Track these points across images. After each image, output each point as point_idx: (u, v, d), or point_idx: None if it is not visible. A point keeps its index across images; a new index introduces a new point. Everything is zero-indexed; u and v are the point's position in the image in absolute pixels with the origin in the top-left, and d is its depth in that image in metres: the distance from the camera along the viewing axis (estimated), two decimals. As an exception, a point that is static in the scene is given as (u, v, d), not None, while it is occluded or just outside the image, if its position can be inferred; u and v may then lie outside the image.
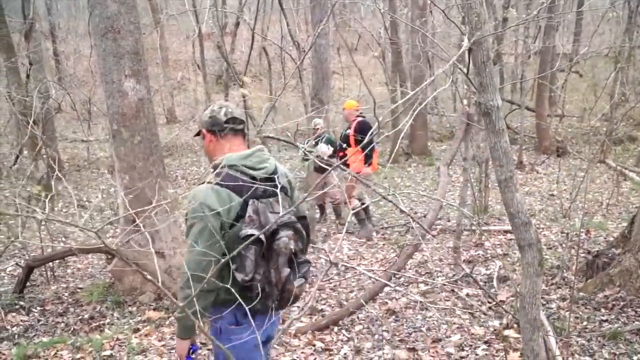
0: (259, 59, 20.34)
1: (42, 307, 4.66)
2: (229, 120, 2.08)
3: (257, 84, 19.97)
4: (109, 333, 4.03)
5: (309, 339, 3.80)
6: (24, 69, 10.04)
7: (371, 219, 6.76)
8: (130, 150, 4.61)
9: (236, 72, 7.91)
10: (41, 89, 7.27)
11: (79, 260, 6.22)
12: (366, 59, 21.82)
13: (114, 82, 4.52)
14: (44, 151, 9.33)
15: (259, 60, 20.42)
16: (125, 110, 4.56)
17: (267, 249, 1.91)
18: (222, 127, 2.08)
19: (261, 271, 1.91)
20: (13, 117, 12.01)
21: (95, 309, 4.51)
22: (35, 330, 4.22)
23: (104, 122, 13.78)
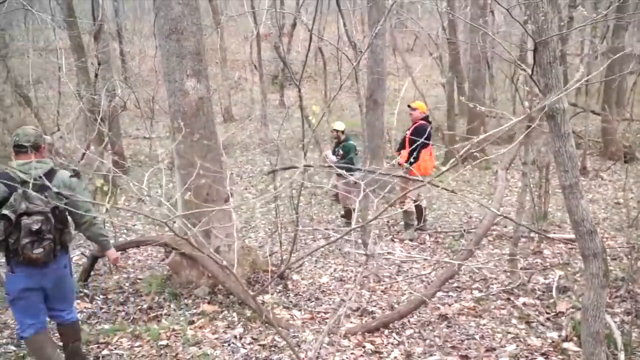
0: (315, 60, 20.46)
1: (105, 295, 4.89)
2: (15, 145, 3.10)
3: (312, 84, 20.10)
4: (165, 323, 4.18)
5: (359, 340, 3.79)
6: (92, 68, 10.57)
7: (425, 221, 6.65)
8: (190, 148, 4.75)
9: (293, 73, 7.99)
10: (109, 88, 7.61)
11: (139, 252, 6.48)
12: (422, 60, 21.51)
13: (176, 82, 4.68)
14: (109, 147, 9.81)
15: (315, 60, 20.55)
16: (185, 109, 4.71)
17: (15, 225, 2.89)
18: (13, 148, 3.11)
19: (14, 238, 2.90)
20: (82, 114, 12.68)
21: (153, 300, 4.69)
22: (97, 318, 4.44)
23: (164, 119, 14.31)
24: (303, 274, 5.34)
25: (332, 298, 4.79)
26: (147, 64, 19.29)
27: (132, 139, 14.46)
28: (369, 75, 8.89)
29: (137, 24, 22.08)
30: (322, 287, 5.04)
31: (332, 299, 4.78)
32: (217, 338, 3.94)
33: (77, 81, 10.33)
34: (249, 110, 17.42)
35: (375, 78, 8.71)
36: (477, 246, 4.28)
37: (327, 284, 5.12)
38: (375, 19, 8.23)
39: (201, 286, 4.76)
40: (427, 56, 19.42)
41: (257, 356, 3.67)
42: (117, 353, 3.70)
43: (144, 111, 13.41)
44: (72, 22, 9.66)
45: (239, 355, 3.67)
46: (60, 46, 11.42)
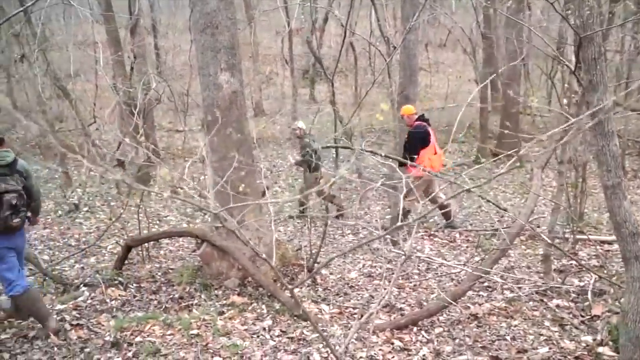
0: (346, 55, 20.37)
1: (138, 284, 5.01)
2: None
3: (342, 79, 20.03)
4: (196, 313, 4.24)
5: (387, 337, 3.77)
6: (128, 62, 10.78)
7: (452, 220, 6.60)
8: (222, 141, 4.81)
9: (324, 68, 7.97)
10: (144, 81, 7.75)
11: (171, 242, 6.61)
12: (455, 55, 21.17)
13: (210, 75, 4.73)
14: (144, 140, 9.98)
15: (346, 55, 20.46)
16: (219, 102, 4.76)
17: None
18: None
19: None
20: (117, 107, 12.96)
21: (184, 290, 4.77)
22: (131, 305, 4.55)
23: (197, 113, 14.51)
24: (332, 269, 5.35)
25: (360, 294, 4.78)
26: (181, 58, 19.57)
27: (165, 131, 14.71)
28: (400, 71, 8.80)
29: (172, 19, 22.39)
30: (350, 283, 5.03)
31: (360, 294, 4.77)
32: (246, 329, 3.98)
33: (113, 74, 10.56)
34: (280, 104, 17.48)
35: (407, 74, 8.60)
36: (510, 247, 4.20)
37: (356, 280, 5.11)
38: (408, 13, 8.13)
39: (231, 278, 4.82)
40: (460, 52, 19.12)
41: (285, 348, 3.69)
42: (149, 340, 3.78)
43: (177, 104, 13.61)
44: (109, 17, 9.87)
45: (267, 347, 3.70)
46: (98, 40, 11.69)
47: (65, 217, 7.96)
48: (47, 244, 6.69)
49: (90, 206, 8.56)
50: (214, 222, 5.06)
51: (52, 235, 7.10)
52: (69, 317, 4.20)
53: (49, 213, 8.25)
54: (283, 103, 17.48)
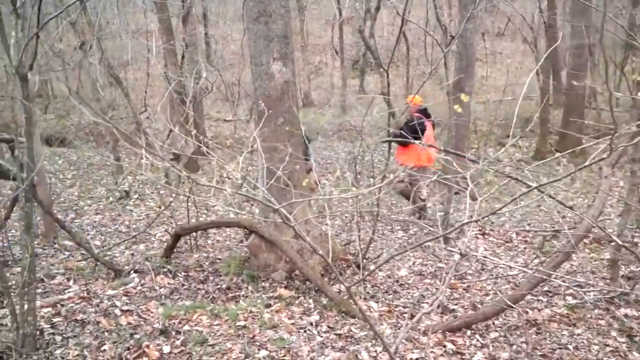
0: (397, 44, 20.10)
1: (186, 272, 5.12)
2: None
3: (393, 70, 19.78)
4: (243, 305, 4.29)
5: (439, 339, 3.69)
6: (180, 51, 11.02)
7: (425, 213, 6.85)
8: (273, 132, 4.82)
9: (376, 58, 7.87)
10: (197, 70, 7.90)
11: (218, 232, 6.73)
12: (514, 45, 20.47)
13: (262, 65, 4.74)
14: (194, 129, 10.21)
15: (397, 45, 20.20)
16: (271, 92, 4.78)
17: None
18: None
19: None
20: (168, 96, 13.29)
21: (232, 280, 4.84)
22: (179, 294, 4.65)
23: (246, 103, 14.70)
24: (381, 266, 5.28)
25: (410, 292, 4.71)
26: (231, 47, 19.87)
27: (214, 121, 14.98)
28: (456, 61, 8.57)
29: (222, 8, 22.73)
30: (400, 280, 4.96)
31: (410, 293, 4.69)
32: (293, 323, 3.99)
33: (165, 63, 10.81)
34: (329, 95, 17.47)
35: (463, 64, 8.38)
36: (575, 249, 4.01)
37: (406, 278, 5.03)
38: (466, 1, 7.90)
39: (279, 270, 4.85)
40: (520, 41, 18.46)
41: (333, 345, 3.68)
42: (197, 329, 3.85)
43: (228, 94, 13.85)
44: (162, 5, 10.10)
45: (314, 342, 3.70)
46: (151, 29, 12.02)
47: (116, 203, 8.25)
48: (99, 230, 6.95)
49: (140, 194, 8.84)
50: (262, 214, 5.10)
51: (104, 221, 7.38)
52: (120, 303, 4.33)
53: (101, 199, 8.58)
54: (332, 94, 17.45)
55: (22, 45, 3.18)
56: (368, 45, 8.86)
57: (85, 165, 10.87)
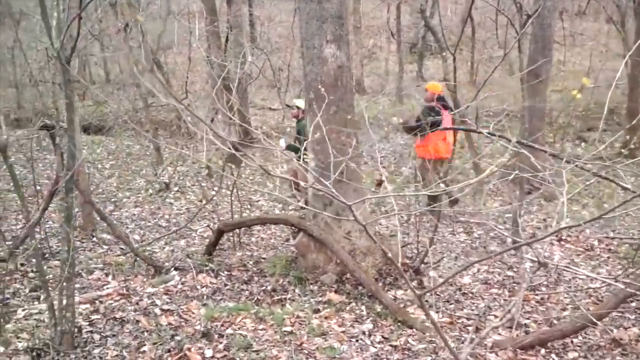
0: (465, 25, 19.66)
1: (229, 272, 5.20)
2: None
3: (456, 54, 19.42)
4: (289, 309, 4.32)
5: (509, 357, 3.59)
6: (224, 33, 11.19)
7: None
8: (325, 121, 4.78)
9: (439, 40, 7.72)
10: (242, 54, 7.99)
11: (263, 229, 6.80)
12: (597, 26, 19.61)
13: (315, 48, 4.74)
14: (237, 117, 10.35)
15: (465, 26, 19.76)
16: (323, 78, 4.76)
17: None
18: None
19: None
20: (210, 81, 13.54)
21: (277, 282, 4.88)
22: (222, 294, 4.73)
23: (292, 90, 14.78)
24: (441, 271, 5.20)
25: (475, 302, 4.60)
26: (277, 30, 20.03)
27: (258, 109, 15.15)
28: (531, 44, 8.30)
29: (268, -13, 22.95)
30: (463, 289, 4.86)
31: (475, 303, 4.59)
32: (344, 332, 3.99)
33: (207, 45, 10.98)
34: (383, 82, 17.32)
35: (539, 47, 8.11)
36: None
37: (470, 286, 4.92)
38: (545, -25, 7.61)
39: (328, 273, 4.85)
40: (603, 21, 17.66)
41: (388, 357, 3.65)
42: (240, 333, 3.91)
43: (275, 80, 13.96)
44: (206, -15, 10.27)
45: (368, 354, 3.68)
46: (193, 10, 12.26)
47: (155, 196, 8.49)
48: (138, 224, 7.17)
49: (180, 186, 9.05)
50: (311, 211, 5.11)
51: (143, 214, 7.60)
52: (160, 302, 4.45)
53: (140, 191, 8.85)
54: (386, 80, 17.29)
55: (63, 27, 3.29)
56: (429, 26, 8.72)
57: (124, 155, 11.25)
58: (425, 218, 6.67)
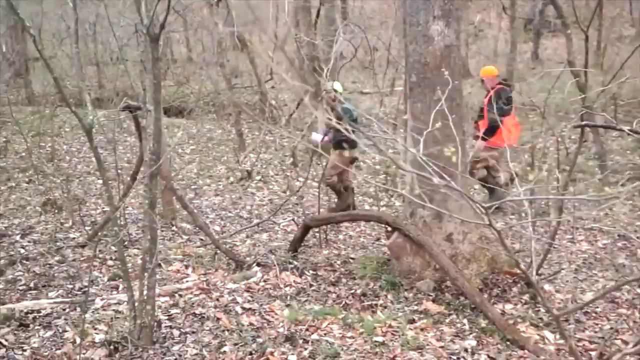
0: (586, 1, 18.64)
1: (315, 271, 5.25)
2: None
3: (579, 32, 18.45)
4: (381, 316, 4.29)
5: (640, 390, 3.36)
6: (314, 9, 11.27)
7: None
8: (428, 108, 4.71)
9: (562, 16, 7.33)
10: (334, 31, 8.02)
11: (351, 227, 6.81)
12: None
13: (420, 25, 4.65)
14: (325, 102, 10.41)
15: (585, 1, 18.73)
16: (427, 59, 4.67)
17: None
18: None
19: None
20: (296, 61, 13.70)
21: (368, 286, 4.87)
22: (306, 295, 4.78)
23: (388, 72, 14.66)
24: (558, 285, 4.96)
25: (598, 323, 4.35)
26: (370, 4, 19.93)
27: (349, 93, 15.19)
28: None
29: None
30: (585, 307, 4.61)
31: (598, 324, 4.34)
32: (442, 347, 3.90)
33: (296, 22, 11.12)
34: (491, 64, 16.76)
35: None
36: None
37: (593, 304, 4.66)
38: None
39: (425, 279, 4.78)
40: None
41: (495, 382, 3.53)
42: (327, 340, 3.93)
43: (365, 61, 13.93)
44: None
45: (470, 375, 3.58)
46: (282, -17, 12.41)
47: (237, 184, 8.74)
48: (219, 214, 7.41)
49: (263, 175, 9.26)
50: (408, 208, 5.04)
51: (224, 203, 7.85)
52: (241, 299, 4.58)
53: (221, 179, 9.14)
54: (495, 62, 16.72)
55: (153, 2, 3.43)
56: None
57: (205, 140, 11.65)
58: (538, 222, 6.40)
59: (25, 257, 5.56)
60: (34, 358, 3.65)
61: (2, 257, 5.58)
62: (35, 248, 5.86)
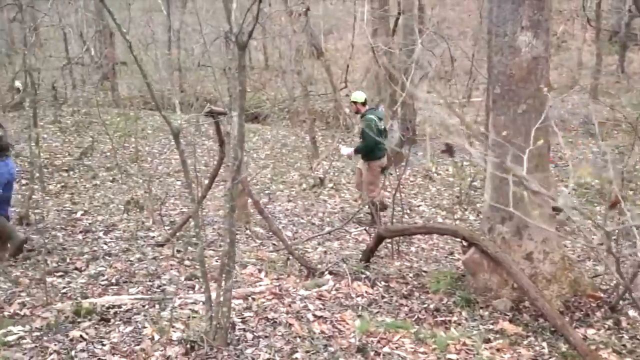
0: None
1: (386, 283, 5.18)
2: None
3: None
4: (455, 333, 4.19)
5: None
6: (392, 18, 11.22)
7: None
8: (511, 121, 4.59)
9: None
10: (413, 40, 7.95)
11: (424, 239, 6.70)
12: None
13: (506, 35, 4.53)
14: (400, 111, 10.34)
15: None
16: (513, 71, 4.54)
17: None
18: None
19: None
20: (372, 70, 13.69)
21: (441, 301, 4.76)
22: (378, 307, 4.72)
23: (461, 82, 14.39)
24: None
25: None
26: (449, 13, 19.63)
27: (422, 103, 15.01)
28: None
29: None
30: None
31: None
32: (520, 370, 3.77)
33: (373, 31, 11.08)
34: (575, 76, 16.19)
35: None
36: None
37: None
38: None
39: (502, 298, 4.63)
40: None
41: (574, 409, 3.37)
42: (398, 354, 3.87)
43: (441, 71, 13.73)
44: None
45: (551, 401, 3.43)
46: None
47: (309, 191, 8.78)
48: (291, 220, 7.47)
49: (335, 182, 9.28)
50: (486, 223, 4.90)
51: (296, 210, 7.91)
52: (312, 307, 4.57)
53: (294, 185, 9.22)
54: (579, 74, 16.14)
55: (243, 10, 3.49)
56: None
57: (279, 145, 11.80)
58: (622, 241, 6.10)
59: (108, 253, 5.78)
60: (113, 353, 3.76)
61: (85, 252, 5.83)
62: (117, 245, 6.09)
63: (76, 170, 9.38)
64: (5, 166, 5.71)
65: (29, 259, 5.65)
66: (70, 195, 8.12)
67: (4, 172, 5.67)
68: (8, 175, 5.73)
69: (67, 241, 6.26)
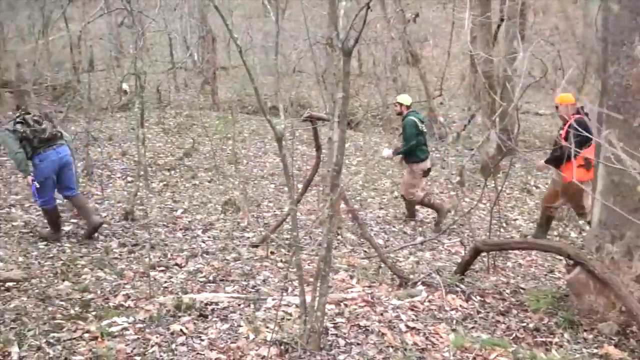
0: None
1: (482, 298, 5.02)
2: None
3: None
4: (556, 355, 3.99)
5: None
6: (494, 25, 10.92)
7: None
8: (626, 136, 4.32)
9: None
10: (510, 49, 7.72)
11: (521, 254, 6.45)
12: None
13: (624, 45, 4.28)
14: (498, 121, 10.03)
15: None
16: (629, 82, 4.29)
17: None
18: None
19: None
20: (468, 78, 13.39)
21: (541, 320, 4.56)
22: (473, 322, 4.58)
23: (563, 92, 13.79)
24: None
25: None
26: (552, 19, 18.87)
27: (521, 113, 14.53)
28: None
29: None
30: None
31: None
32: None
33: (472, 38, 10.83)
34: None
35: None
36: None
37: None
38: None
39: (609, 321, 4.37)
40: None
41: None
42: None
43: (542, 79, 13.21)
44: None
45: None
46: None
47: (401, 199, 8.69)
48: (382, 227, 7.42)
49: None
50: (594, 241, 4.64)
51: (388, 217, 7.85)
52: (405, 317, 4.50)
53: (385, 192, 9.16)
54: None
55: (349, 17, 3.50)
56: None
57: (371, 152, 11.78)
58: None
59: (206, 251, 5.97)
60: (211, 349, 3.87)
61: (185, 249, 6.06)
62: (214, 243, 6.28)
63: (177, 169, 9.77)
64: (47, 159, 5.84)
65: (133, 252, 5.94)
66: (172, 194, 8.46)
67: (46, 166, 5.85)
68: (50, 171, 5.87)
69: (168, 237, 6.53)
